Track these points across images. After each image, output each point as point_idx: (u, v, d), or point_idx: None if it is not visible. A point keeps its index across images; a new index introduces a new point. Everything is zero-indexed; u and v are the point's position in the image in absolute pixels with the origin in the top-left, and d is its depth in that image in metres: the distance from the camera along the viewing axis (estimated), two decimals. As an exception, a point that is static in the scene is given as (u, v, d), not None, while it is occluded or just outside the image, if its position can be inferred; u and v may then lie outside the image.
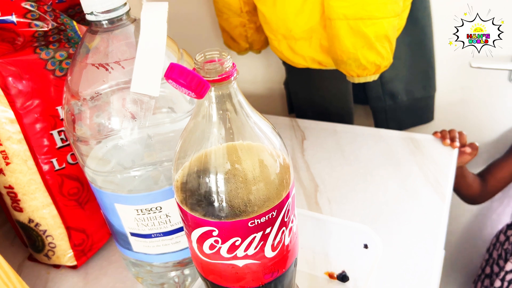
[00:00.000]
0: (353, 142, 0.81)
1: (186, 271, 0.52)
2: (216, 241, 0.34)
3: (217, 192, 0.32)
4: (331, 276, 0.54)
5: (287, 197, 0.34)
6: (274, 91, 1.10)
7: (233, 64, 0.31)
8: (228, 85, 0.31)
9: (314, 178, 0.73)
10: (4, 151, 0.52)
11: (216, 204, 0.32)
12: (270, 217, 0.33)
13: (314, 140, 0.83)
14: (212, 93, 0.31)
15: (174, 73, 0.28)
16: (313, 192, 0.70)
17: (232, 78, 0.31)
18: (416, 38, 0.83)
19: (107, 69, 0.40)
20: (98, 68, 0.41)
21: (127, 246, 0.50)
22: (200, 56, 0.31)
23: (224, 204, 0.32)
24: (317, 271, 0.55)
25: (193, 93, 0.28)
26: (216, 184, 0.32)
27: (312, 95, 0.91)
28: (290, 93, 0.99)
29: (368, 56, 0.66)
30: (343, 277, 0.54)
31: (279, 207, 0.34)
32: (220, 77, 0.30)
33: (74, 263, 0.60)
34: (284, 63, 0.91)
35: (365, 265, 0.50)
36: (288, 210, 0.35)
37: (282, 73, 1.04)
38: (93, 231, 0.60)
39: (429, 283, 0.53)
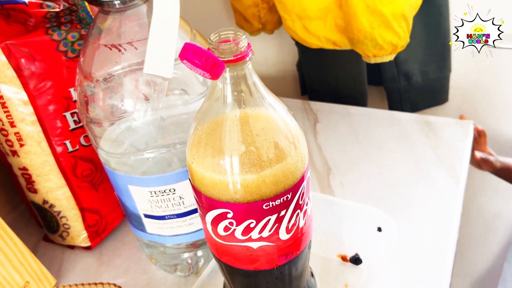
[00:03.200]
0: (366, 124, 0.80)
1: (199, 253, 0.53)
2: (231, 223, 0.33)
3: (232, 174, 0.32)
4: (344, 258, 0.54)
5: (302, 179, 0.34)
6: (286, 72, 1.09)
7: (248, 44, 0.30)
8: (243, 65, 0.30)
9: (327, 161, 0.73)
10: (18, 132, 0.52)
11: (230, 186, 0.32)
12: (284, 199, 0.33)
13: (327, 123, 0.82)
14: (226, 74, 0.30)
15: (189, 53, 0.27)
16: (326, 175, 0.70)
17: (247, 58, 0.30)
18: (431, 18, 0.81)
19: (120, 50, 0.40)
20: (110, 49, 0.40)
21: (141, 227, 0.50)
22: (214, 36, 0.30)
23: (238, 186, 0.32)
24: (330, 253, 0.55)
25: (208, 74, 0.28)
26: (231, 166, 0.31)
27: (326, 76, 0.90)
28: (303, 75, 0.98)
29: (385, 36, 0.65)
30: (356, 260, 0.53)
31: (294, 189, 0.33)
32: (235, 58, 0.29)
33: (88, 244, 0.60)
34: (297, 44, 0.90)
35: (379, 248, 0.50)
36: (303, 193, 0.35)
37: (294, 54, 1.02)
38: (107, 213, 0.60)
39: (443, 266, 0.53)
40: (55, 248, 0.63)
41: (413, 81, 0.87)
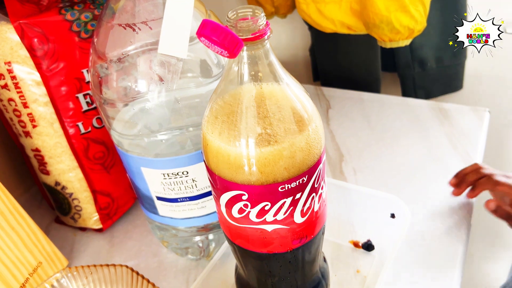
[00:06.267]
0: (380, 111, 0.79)
1: (210, 236, 0.53)
2: (245, 206, 0.33)
3: (248, 157, 0.31)
4: (356, 244, 0.54)
5: (318, 162, 0.33)
6: (298, 58, 1.07)
7: (267, 22, 0.29)
8: (261, 44, 0.30)
9: (339, 148, 0.72)
10: (31, 113, 0.52)
11: (246, 168, 0.31)
12: (300, 182, 0.33)
13: (339, 109, 0.81)
14: (244, 52, 0.30)
15: (207, 30, 0.27)
16: (338, 162, 0.69)
17: (266, 37, 0.29)
18: (448, 2, 0.79)
19: (134, 30, 0.39)
20: (125, 28, 0.40)
21: (153, 210, 0.50)
22: (232, 13, 0.29)
23: (254, 168, 0.31)
24: (342, 239, 0.54)
25: (225, 52, 0.27)
26: (247, 148, 0.31)
27: (339, 62, 0.89)
28: (316, 60, 0.96)
29: (402, 20, 0.64)
30: (368, 246, 0.53)
31: (310, 172, 0.33)
32: (253, 36, 0.29)
33: (100, 226, 0.60)
34: (311, 28, 0.89)
35: (391, 234, 0.49)
36: (319, 176, 0.34)
37: (307, 39, 1.01)
38: (118, 195, 0.60)
39: (456, 254, 0.52)
40: (67, 230, 0.63)
41: (428, 68, 0.86)
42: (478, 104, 0.78)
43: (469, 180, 0.58)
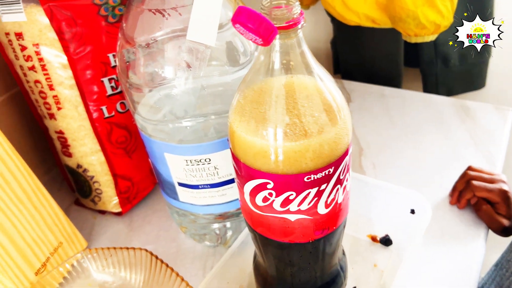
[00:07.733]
0: (401, 106, 0.78)
1: (228, 224, 0.53)
2: (270, 194, 0.33)
3: (275, 147, 0.31)
4: (374, 239, 0.54)
5: (345, 154, 0.33)
6: (320, 50, 1.07)
7: (301, 11, 0.29)
8: (294, 33, 0.29)
9: (359, 142, 0.72)
10: (56, 96, 0.52)
11: (273, 158, 0.31)
12: (326, 173, 0.32)
13: (360, 103, 0.81)
14: (276, 41, 0.30)
15: (242, 17, 0.27)
16: (357, 155, 0.69)
17: (300, 25, 0.29)
18: (475, -1, 0.78)
19: (163, 15, 0.40)
20: (154, 14, 0.40)
21: (174, 195, 0.50)
22: (267, 1, 0.29)
23: (281, 158, 0.31)
24: (360, 233, 0.54)
25: (260, 39, 0.27)
26: (274, 135, 0.31)
27: (361, 55, 0.88)
28: (337, 53, 0.96)
29: (428, 15, 0.63)
30: (386, 241, 0.53)
31: (337, 163, 0.33)
32: (287, 24, 0.28)
33: (119, 209, 0.61)
34: (333, 21, 0.88)
35: (410, 230, 0.49)
36: (345, 168, 0.34)
37: (329, 31, 1.00)
38: (139, 180, 0.61)
39: (475, 251, 0.52)
40: (87, 212, 0.64)
41: (451, 65, 0.85)
42: (501, 102, 0.77)
43: (458, 189, 0.59)
